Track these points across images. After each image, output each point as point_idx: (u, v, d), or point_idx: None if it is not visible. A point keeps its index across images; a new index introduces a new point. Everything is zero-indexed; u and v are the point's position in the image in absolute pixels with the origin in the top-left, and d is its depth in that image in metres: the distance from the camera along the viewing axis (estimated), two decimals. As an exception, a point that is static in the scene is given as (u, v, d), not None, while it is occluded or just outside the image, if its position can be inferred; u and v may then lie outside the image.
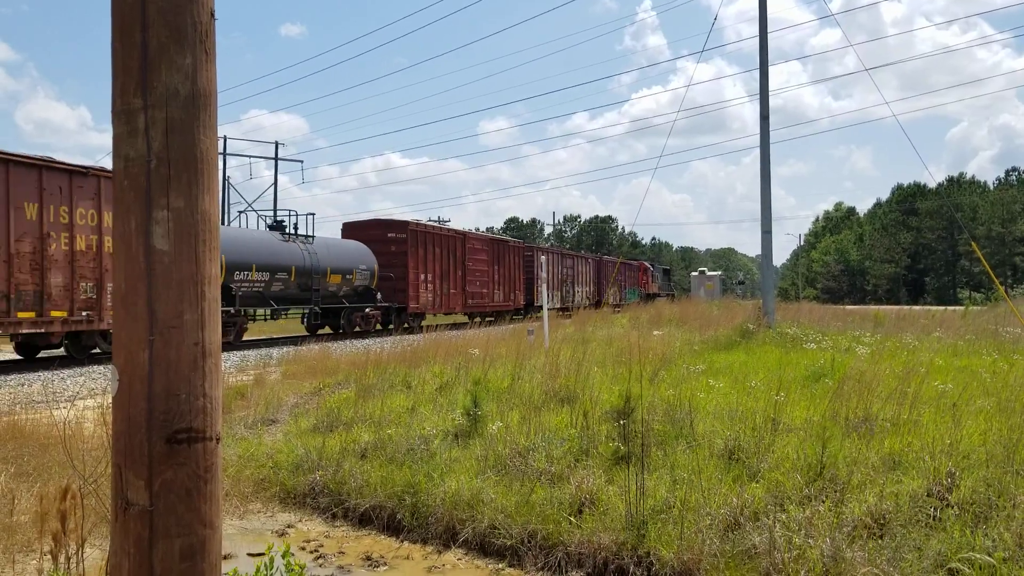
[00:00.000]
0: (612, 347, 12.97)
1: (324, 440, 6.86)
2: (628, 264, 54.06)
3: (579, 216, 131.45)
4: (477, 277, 31.29)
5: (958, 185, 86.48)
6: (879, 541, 4.16)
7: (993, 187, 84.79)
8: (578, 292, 41.60)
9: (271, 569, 3.34)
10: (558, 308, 35.74)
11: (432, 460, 6.11)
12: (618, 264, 45.45)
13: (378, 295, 25.12)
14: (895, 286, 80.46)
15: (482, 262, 31.84)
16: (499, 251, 33.64)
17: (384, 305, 25.26)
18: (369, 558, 5.07)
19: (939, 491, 4.56)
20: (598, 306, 38.80)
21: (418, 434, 6.76)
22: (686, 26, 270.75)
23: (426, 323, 26.14)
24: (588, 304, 39.65)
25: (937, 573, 3.84)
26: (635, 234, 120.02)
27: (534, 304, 34.68)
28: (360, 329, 24.21)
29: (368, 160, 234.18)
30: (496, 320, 31.12)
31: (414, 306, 26.27)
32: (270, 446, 7.20)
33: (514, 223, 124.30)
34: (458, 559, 5.04)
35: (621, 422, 6.08)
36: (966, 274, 78.96)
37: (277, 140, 66.46)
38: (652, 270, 59.08)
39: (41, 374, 13.20)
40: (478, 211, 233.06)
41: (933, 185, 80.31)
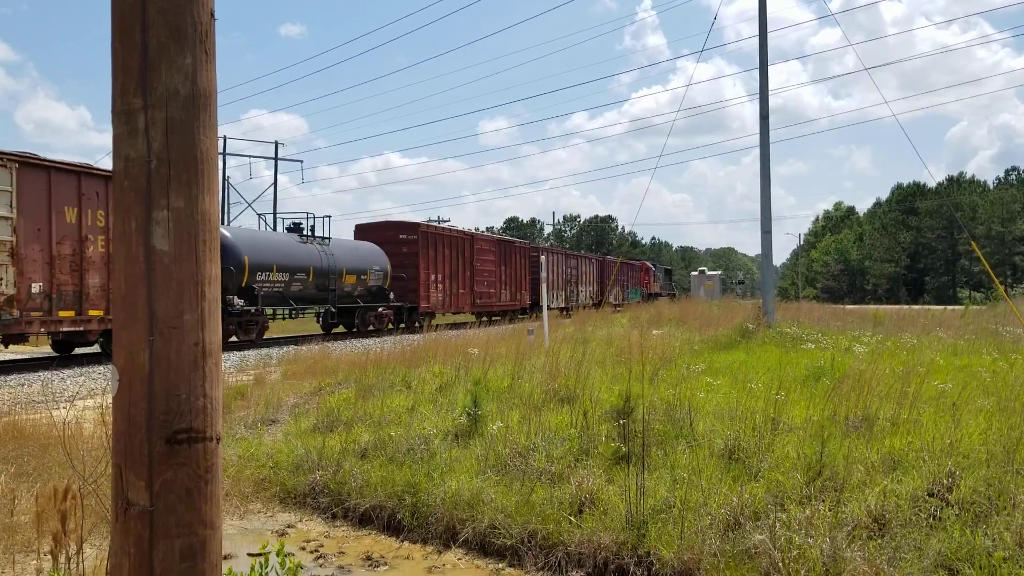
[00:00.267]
0: (612, 347, 12.97)
1: (324, 440, 6.86)
2: (630, 264, 54.43)
3: (579, 216, 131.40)
4: (485, 277, 31.78)
5: (958, 184, 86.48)
6: (879, 541, 4.16)
7: (993, 186, 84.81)
8: (582, 292, 42.03)
9: (267, 567, 3.34)
10: (562, 308, 36.03)
11: (432, 460, 6.11)
12: (618, 264, 45.52)
13: (391, 295, 25.75)
14: (895, 286, 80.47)
15: (489, 262, 32.32)
16: (506, 252, 34.13)
17: (396, 305, 25.86)
18: (369, 558, 5.07)
19: (939, 491, 4.57)
20: (601, 306, 39.00)
21: (418, 434, 6.75)
22: (686, 26, 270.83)
23: (436, 322, 26.59)
24: (592, 303, 40.05)
25: (937, 573, 3.84)
26: (635, 234, 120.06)
27: (539, 303, 34.88)
28: (373, 328, 24.57)
29: (368, 160, 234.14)
30: (502, 319, 31.34)
31: (425, 305, 26.82)
32: (270, 446, 7.20)
33: (514, 223, 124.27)
34: (458, 559, 5.04)
35: (621, 422, 6.08)
36: (966, 273, 78.97)
37: (277, 140, 66.47)
38: (654, 270, 59.47)
39: (41, 374, 13.19)
40: (478, 211, 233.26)
41: (933, 184, 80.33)
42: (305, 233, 23.05)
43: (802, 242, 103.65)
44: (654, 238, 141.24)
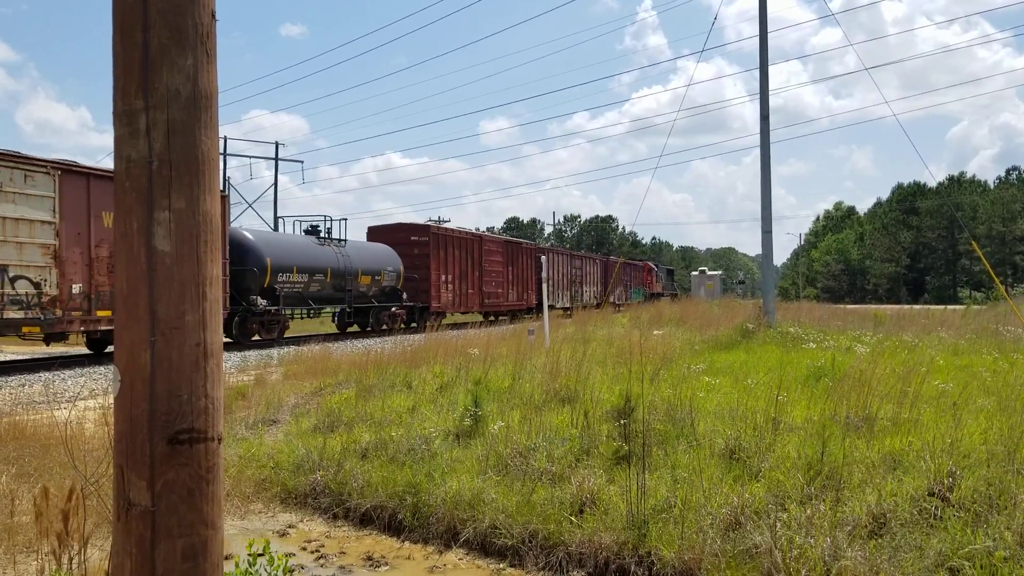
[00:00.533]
0: (613, 347, 12.97)
1: (325, 440, 6.86)
2: (633, 264, 55.14)
3: (579, 216, 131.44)
4: (493, 277, 32.39)
5: (958, 184, 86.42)
6: (879, 540, 4.17)
7: (993, 186, 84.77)
8: (586, 292, 42.63)
9: (255, 565, 3.35)
10: (567, 307, 36.51)
11: (433, 460, 6.11)
12: (618, 264, 45.95)
13: (403, 295, 26.56)
14: (895, 285, 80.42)
15: (497, 263, 32.91)
16: (513, 252, 34.71)
17: (409, 304, 26.65)
18: (370, 558, 5.07)
19: (939, 490, 4.56)
20: (603, 305, 39.42)
21: (419, 434, 6.76)
22: (686, 26, 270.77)
23: (446, 321, 27.19)
24: (596, 303, 40.61)
25: (938, 572, 3.84)
26: (635, 234, 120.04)
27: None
28: (387, 327, 24.99)
29: (368, 160, 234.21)
30: (509, 319, 31.66)
31: (436, 305, 27.49)
32: (271, 446, 7.20)
33: (514, 223, 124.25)
34: (459, 559, 5.04)
35: (622, 421, 6.08)
36: (966, 273, 78.93)
37: (277, 140, 66.49)
38: (656, 270, 60.10)
39: (42, 375, 13.20)
40: (478, 211, 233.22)
41: (933, 184, 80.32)
42: (322, 235, 23.77)
43: (802, 242, 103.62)
44: (655, 238, 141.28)
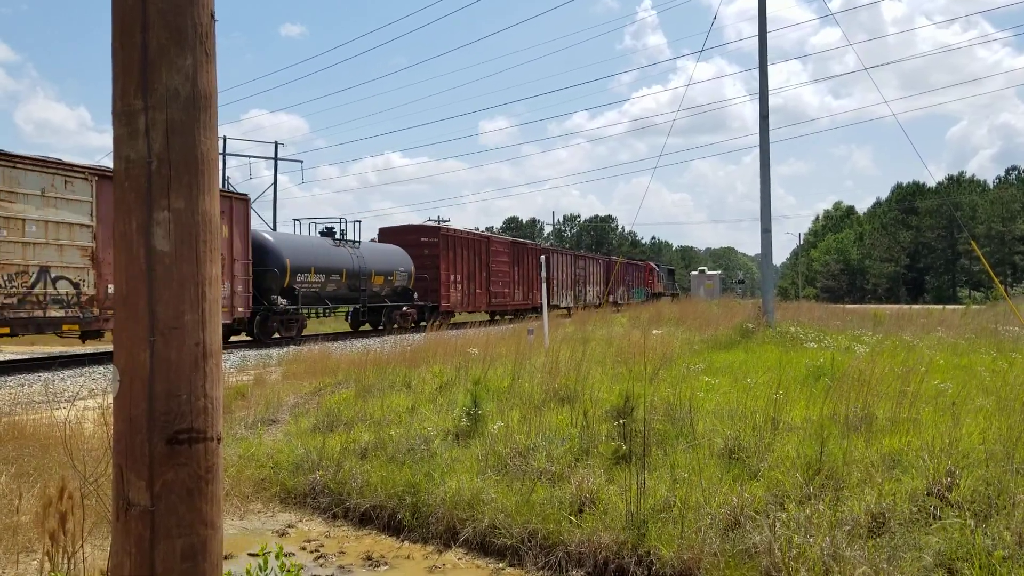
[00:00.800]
0: (612, 347, 12.97)
1: (324, 440, 6.86)
2: (635, 265, 56.02)
3: (579, 216, 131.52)
4: (500, 278, 33.12)
5: (958, 184, 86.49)
6: (878, 540, 4.17)
7: (993, 186, 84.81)
8: (589, 291, 43.36)
9: (265, 570, 3.33)
10: (571, 306, 37.15)
11: (432, 460, 6.11)
12: (619, 264, 46.51)
13: (415, 295, 27.41)
14: (895, 285, 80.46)
15: (504, 263, 33.60)
16: (519, 253, 35.40)
17: (420, 304, 27.50)
18: (370, 558, 5.07)
19: (938, 490, 4.57)
20: (602, 305, 40.01)
21: (418, 434, 6.76)
22: (686, 25, 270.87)
23: (454, 320, 28.20)
24: (599, 302, 41.27)
25: (936, 572, 3.84)
26: (635, 233, 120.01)
27: (550, 303, 36.07)
28: (398, 326, 25.46)
29: (368, 160, 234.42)
30: (515, 318, 32.04)
31: (445, 304, 28.31)
32: (270, 446, 7.20)
33: (513, 223, 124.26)
34: (459, 559, 5.04)
35: (621, 421, 6.08)
36: (966, 273, 78.97)
37: (277, 140, 66.43)
38: (658, 270, 61.00)
39: (41, 374, 13.20)
40: (477, 211, 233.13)
41: (933, 184, 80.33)
42: (337, 237, 24.67)
43: (802, 242, 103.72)
44: (654, 238, 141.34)
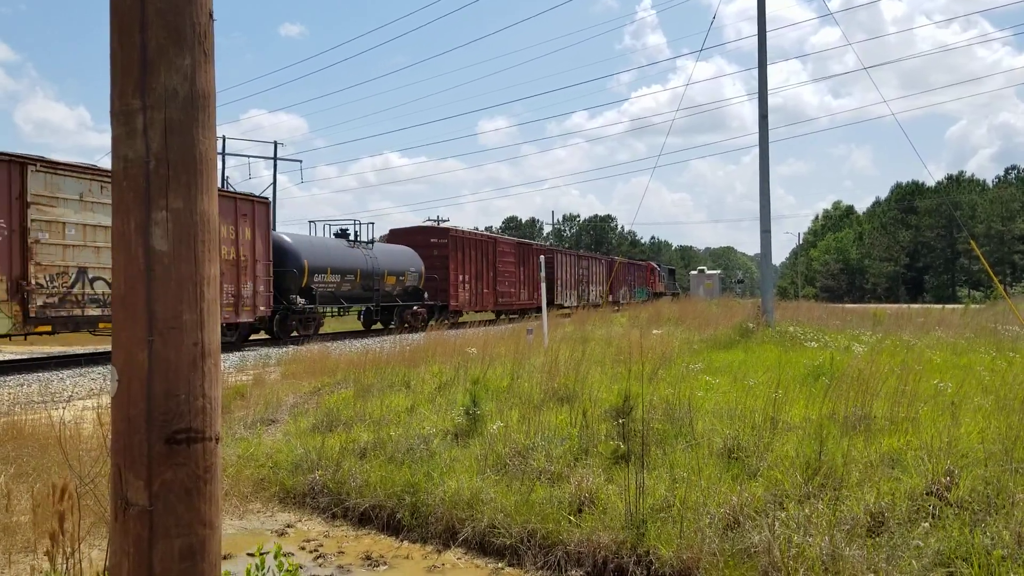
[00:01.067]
0: (611, 346, 12.97)
1: (323, 440, 6.86)
2: (637, 265, 57.08)
3: (578, 215, 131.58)
4: (506, 278, 33.93)
5: (957, 183, 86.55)
6: (878, 539, 4.17)
7: (992, 185, 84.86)
8: (592, 291, 44.19)
9: (263, 569, 3.33)
10: (575, 305, 37.73)
11: (432, 460, 6.11)
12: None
13: (425, 294, 28.24)
14: (894, 284, 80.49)
15: (510, 264, 34.39)
16: (524, 254, 36.17)
17: (430, 303, 28.29)
18: (369, 557, 5.07)
19: (937, 489, 4.57)
20: (612, 303, 40.92)
21: (417, 434, 6.76)
22: (686, 25, 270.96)
23: (463, 319, 28.87)
24: (602, 302, 41.86)
25: (936, 571, 3.85)
26: (634, 233, 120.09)
27: (554, 303, 37.53)
28: (409, 325, 25.93)
29: (367, 160, 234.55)
30: (520, 317, 32.50)
31: (454, 304, 29.19)
32: (269, 446, 7.20)
33: (512, 222, 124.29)
34: (458, 558, 5.04)
35: (620, 421, 6.08)
36: (965, 272, 79.02)
37: (276, 140, 66.35)
38: (659, 270, 62.15)
39: (40, 374, 13.20)
40: (476, 211, 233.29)
41: (932, 183, 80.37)
42: (351, 238, 25.51)
43: (801, 241, 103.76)
44: (653, 237, 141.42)
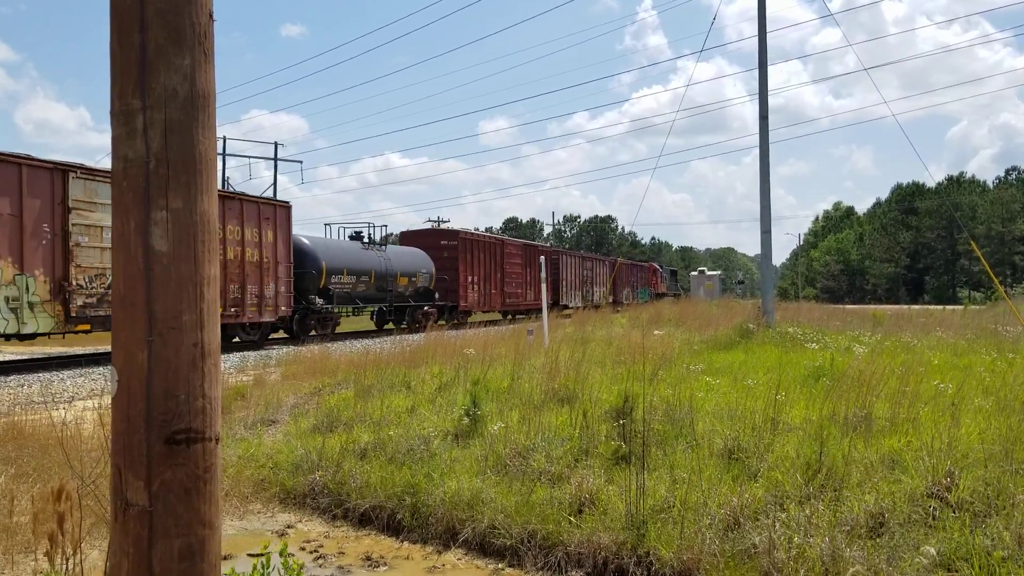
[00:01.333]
0: (611, 347, 12.97)
1: (324, 440, 6.86)
2: (639, 266, 58.14)
3: (579, 216, 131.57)
4: (513, 279, 34.65)
5: (958, 184, 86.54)
6: (878, 540, 4.17)
7: (992, 186, 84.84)
8: (596, 292, 44.91)
9: (268, 568, 3.33)
10: (579, 306, 38.32)
11: (432, 460, 6.11)
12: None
13: (436, 295, 29.07)
14: (894, 285, 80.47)
15: (517, 265, 35.12)
16: (531, 255, 36.91)
17: (440, 304, 29.15)
18: (369, 558, 5.07)
19: (938, 490, 4.57)
20: (614, 304, 41.19)
21: (418, 434, 6.75)
22: (686, 25, 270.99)
23: (472, 319, 29.93)
24: (605, 302, 42.48)
25: (936, 572, 3.84)
26: (635, 234, 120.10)
27: (559, 303, 38.16)
28: (420, 324, 26.35)
29: (368, 160, 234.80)
30: (527, 317, 32.65)
31: (464, 304, 29.98)
32: (270, 446, 7.20)
33: (513, 223, 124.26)
34: (458, 559, 5.04)
35: (621, 422, 6.08)
36: (965, 273, 78.99)
37: (276, 140, 66.40)
38: (661, 271, 62.99)
39: (40, 375, 13.20)
40: (477, 211, 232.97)
41: (932, 184, 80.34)
42: (365, 240, 26.46)
43: (802, 242, 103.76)
44: (654, 238, 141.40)
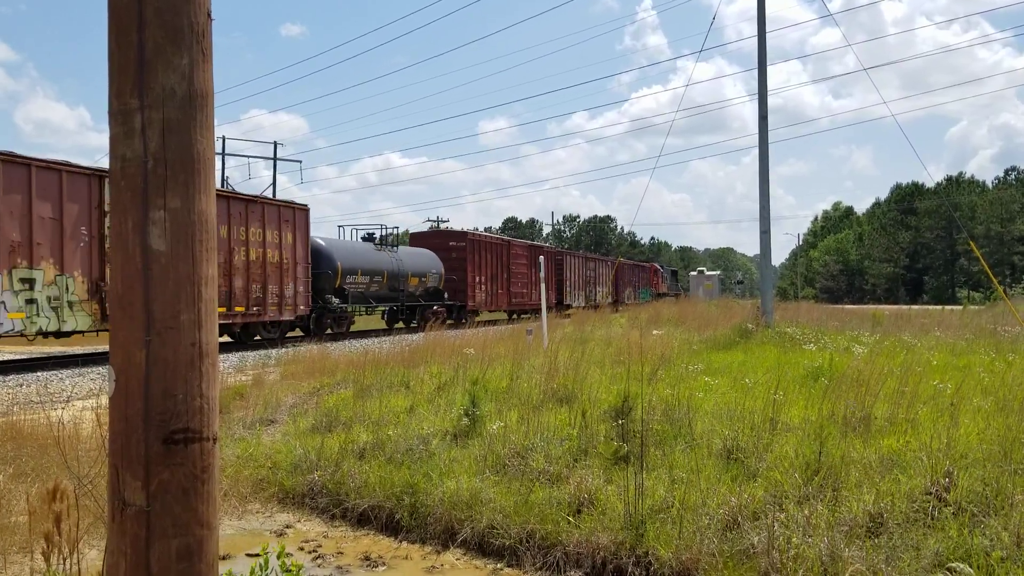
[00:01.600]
0: (611, 347, 12.97)
1: (323, 440, 6.85)
2: (641, 266, 58.70)
3: (578, 216, 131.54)
4: (519, 279, 35.28)
5: (957, 184, 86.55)
6: (877, 540, 4.17)
7: (992, 186, 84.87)
8: (599, 292, 45.46)
9: (266, 569, 3.33)
10: (582, 305, 39.10)
11: (431, 460, 6.10)
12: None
13: (445, 295, 29.77)
14: (894, 286, 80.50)
15: (522, 265, 35.69)
16: (536, 256, 37.36)
17: (449, 303, 29.77)
18: (368, 558, 5.07)
19: (936, 490, 4.57)
20: (615, 304, 41.29)
21: (417, 434, 6.75)
22: (686, 25, 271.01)
23: (479, 319, 30.57)
24: (608, 302, 42.95)
25: (934, 572, 3.84)
26: (634, 234, 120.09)
27: (564, 303, 38.59)
28: (433, 323, 25.98)
29: (367, 160, 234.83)
30: (531, 316, 32.80)
31: (471, 304, 30.58)
32: (269, 446, 7.19)
33: (512, 223, 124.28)
34: (457, 559, 5.04)
35: (620, 421, 6.08)
36: (965, 273, 79.03)
37: (276, 140, 66.33)
38: (662, 271, 63.52)
39: (39, 374, 13.19)
40: (477, 211, 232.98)
41: (932, 184, 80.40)
42: (377, 241, 27.19)
43: (801, 242, 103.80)
44: (653, 238, 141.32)
